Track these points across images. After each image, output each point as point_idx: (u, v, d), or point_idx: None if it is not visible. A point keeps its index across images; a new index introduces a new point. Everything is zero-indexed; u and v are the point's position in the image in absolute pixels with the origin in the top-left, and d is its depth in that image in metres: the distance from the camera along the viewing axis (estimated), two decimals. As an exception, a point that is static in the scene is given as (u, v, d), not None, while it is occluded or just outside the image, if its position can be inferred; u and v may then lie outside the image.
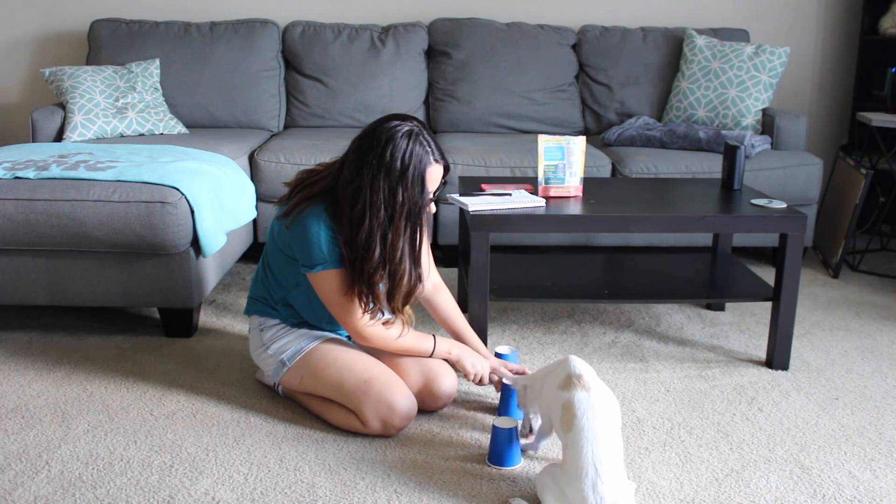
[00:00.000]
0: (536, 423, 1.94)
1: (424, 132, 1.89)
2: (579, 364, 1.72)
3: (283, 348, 2.07)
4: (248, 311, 2.18)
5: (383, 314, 1.99)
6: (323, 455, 1.90)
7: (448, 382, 2.06)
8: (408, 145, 1.84)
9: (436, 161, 1.89)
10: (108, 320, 2.72)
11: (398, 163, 1.83)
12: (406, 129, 1.86)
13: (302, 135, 3.55)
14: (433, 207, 1.97)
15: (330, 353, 2.04)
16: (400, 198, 1.84)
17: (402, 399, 1.95)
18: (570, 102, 3.89)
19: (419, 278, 1.95)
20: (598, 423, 1.59)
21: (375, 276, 1.88)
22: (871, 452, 1.96)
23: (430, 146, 1.88)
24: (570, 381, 1.68)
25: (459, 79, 3.82)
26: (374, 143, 1.85)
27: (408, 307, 2.00)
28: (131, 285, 2.48)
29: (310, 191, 1.93)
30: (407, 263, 1.91)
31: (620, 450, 1.61)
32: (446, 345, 2.09)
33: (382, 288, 1.93)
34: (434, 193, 1.94)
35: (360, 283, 1.89)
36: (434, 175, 1.90)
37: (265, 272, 2.12)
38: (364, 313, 1.95)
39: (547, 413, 1.78)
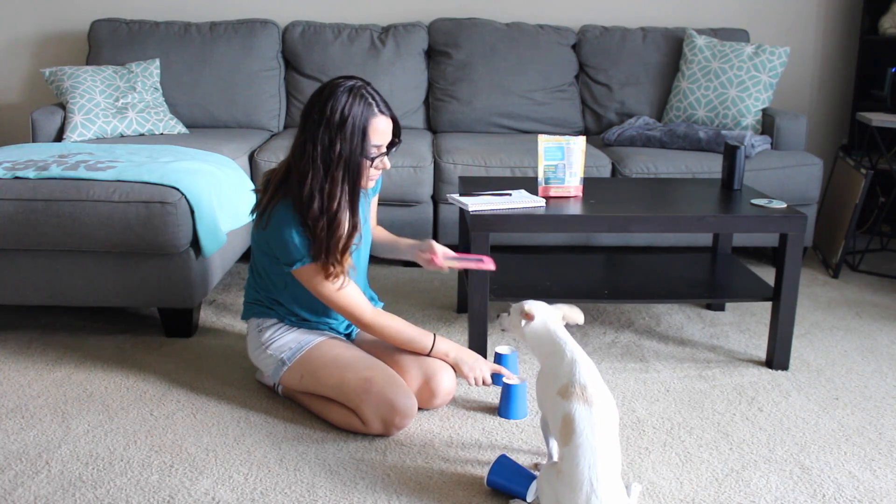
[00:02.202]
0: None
1: (368, 87, 1.92)
2: (584, 371, 1.65)
3: (283, 348, 2.07)
4: (245, 316, 2.19)
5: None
6: (323, 455, 1.90)
7: (447, 380, 2.06)
8: (347, 98, 1.87)
9: (381, 112, 1.92)
10: (108, 320, 2.72)
11: (337, 115, 1.86)
12: (349, 84, 1.89)
13: (302, 135, 3.55)
14: (386, 163, 1.98)
15: (330, 351, 2.04)
16: (338, 148, 1.87)
17: (403, 398, 1.94)
18: (570, 102, 3.89)
19: (354, 227, 1.95)
20: (598, 439, 1.55)
21: (316, 227, 1.89)
22: (871, 452, 1.96)
23: (373, 99, 1.91)
24: (571, 390, 1.62)
25: (459, 79, 3.82)
26: (317, 99, 1.90)
27: (348, 259, 1.98)
28: (131, 285, 2.48)
29: (273, 185, 1.96)
30: (344, 214, 1.92)
31: (618, 461, 1.58)
32: (445, 345, 2.09)
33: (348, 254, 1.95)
34: (386, 147, 1.97)
35: (316, 242, 1.91)
36: (379, 127, 1.92)
37: (255, 276, 2.14)
38: (333, 278, 1.94)
39: (546, 414, 1.75)
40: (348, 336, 2.23)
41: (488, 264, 2.13)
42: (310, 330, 2.12)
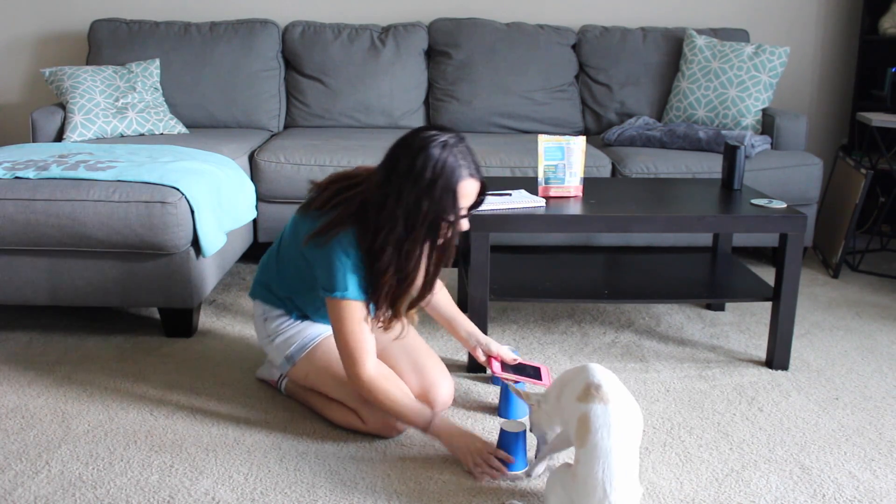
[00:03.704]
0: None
1: (461, 145, 1.79)
2: (599, 372, 1.63)
3: (289, 342, 2.06)
4: (253, 294, 2.15)
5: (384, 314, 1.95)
6: (323, 455, 1.90)
7: (445, 390, 2.06)
8: (439, 155, 1.74)
9: (470, 176, 1.79)
10: (108, 320, 2.72)
11: (428, 172, 1.74)
12: (442, 139, 1.76)
13: (302, 135, 3.55)
14: (465, 224, 1.86)
15: (335, 350, 2.02)
16: (424, 207, 1.75)
17: None
18: (570, 102, 3.89)
19: (429, 290, 1.91)
20: (614, 440, 1.51)
21: (383, 277, 1.81)
22: (871, 452, 1.96)
23: (465, 160, 1.78)
24: (588, 391, 1.59)
25: (459, 79, 3.82)
26: (407, 150, 1.77)
27: (412, 311, 1.96)
28: (131, 285, 2.48)
29: (346, 209, 1.84)
30: (419, 273, 1.85)
31: (635, 467, 1.54)
32: (446, 426, 1.89)
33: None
34: (468, 210, 1.84)
35: (373, 287, 1.84)
36: (467, 190, 1.79)
37: (277, 263, 2.06)
38: (375, 323, 1.90)
39: (566, 426, 1.70)
40: None
41: (545, 380, 2.06)
42: (314, 324, 2.10)
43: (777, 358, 2.41)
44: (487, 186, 1.88)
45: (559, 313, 2.85)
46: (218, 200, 2.62)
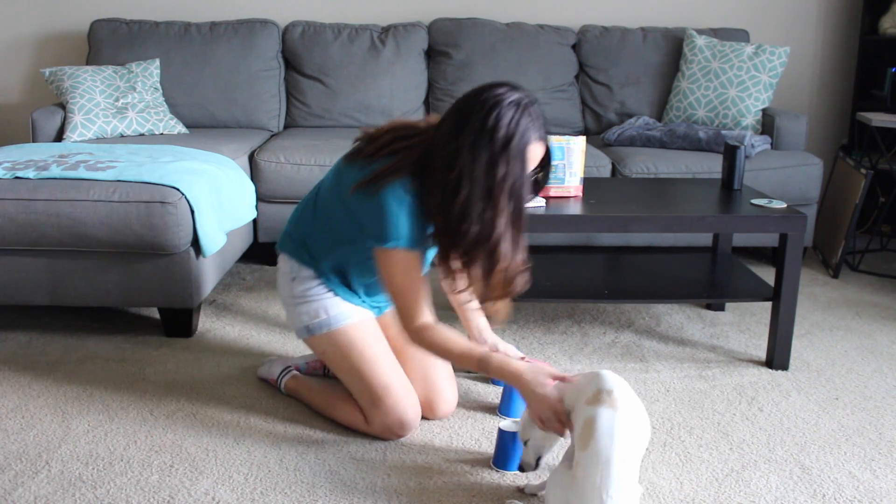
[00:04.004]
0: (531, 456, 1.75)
1: (534, 105, 1.68)
2: (611, 379, 1.59)
3: (313, 314, 1.94)
4: (282, 247, 2.02)
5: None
6: (323, 455, 1.90)
7: (447, 402, 2.06)
8: (514, 115, 1.63)
9: (540, 139, 1.69)
10: (108, 320, 2.72)
11: (502, 131, 1.62)
12: (515, 97, 1.65)
13: (302, 135, 3.55)
14: (530, 190, 1.74)
15: (359, 340, 1.94)
16: (501, 171, 1.63)
17: (412, 416, 1.94)
18: (570, 102, 3.89)
19: (521, 265, 1.75)
20: (616, 447, 1.48)
21: (473, 252, 1.68)
22: (871, 452, 1.96)
23: (537, 121, 1.67)
24: (599, 395, 1.56)
25: (459, 79, 3.81)
26: (478, 106, 1.64)
27: (503, 303, 1.79)
28: (131, 285, 2.48)
29: (404, 157, 1.72)
30: (507, 246, 1.69)
31: (635, 476, 1.51)
32: (503, 359, 1.74)
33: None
34: (532, 176, 1.73)
35: (455, 254, 1.70)
36: (534, 154, 1.69)
37: (314, 214, 1.93)
38: (456, 292, 1.79)
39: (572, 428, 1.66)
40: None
41: None
42: (345, 301, 1.97)
43: (777, 358, 2.41)
44: (552, 153, 1.78)
45: (559, 313, 2.85)
46: (218, 200, 2.62)
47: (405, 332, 1.82)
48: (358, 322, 1.97)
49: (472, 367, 1.76)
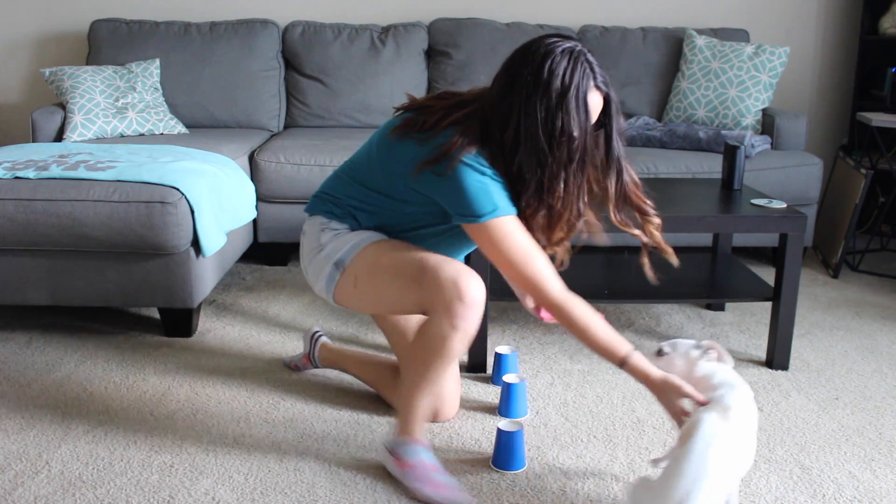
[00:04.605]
0: None
1: (587, 53, 1.61)
2: (742, 398, 1.54)
3: (339, 246, 1.79)
4: (311, 210, 1.89)
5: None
6: (323, 455, 1.90)
7: (451, 409, 2.06)
8: (568, 63, 1.56)
9: (598, 87, 1.61)
10: (108, 320, 2.72)
11: (557, 81, 1.54)
12: (567, 46, 1.58)
13: (302, 135, 3.55)
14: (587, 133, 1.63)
15: (390, 245, 1.78)
16: (560, 123, 1.55)
17: (467, 276, 1.65)
18: (570, 102, 3.89)
19: (580, 214, 1.68)
20: (713, 460, 1.42)
21: (529, 210, 1.61)
22: (871, 452, 1.96)
23: (592, 69, 1.60)
24: (717, 404, 1.52)
25: (459, 79, 3.81)
26: (529, 57, 1.57)
27: (563, 249, 1.74)
28: (131, 285, 2.48)
29: (464, 130, 1.62)
30: (573, 200, 1.63)
31: (723, 490, 1.43)
32: (643, 365, 1.66)
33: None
34: (597, 128, 1.65)
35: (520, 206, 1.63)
36: (594, 103, 1.61)
37: (357, 185, 1.81)
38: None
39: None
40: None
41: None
42: (375, 232, 1.82)
43: (777, 358, 2.41)
44: (616, 103, 1.68)
45: (559, 313, 2.85)
46: (218, 200, 2.62)
47: (544, 305, 1.68)
48: (387, 238, 1.81)
49: (613, 360, 1.66)
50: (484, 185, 1.60)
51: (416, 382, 1.75)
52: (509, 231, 1.62)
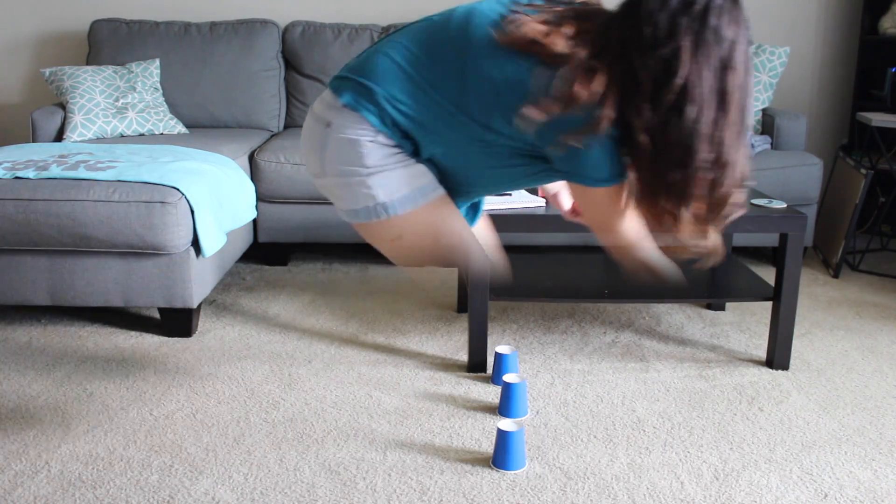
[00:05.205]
0: None
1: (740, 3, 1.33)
2: None
3: (392, 189, 1.47)
4: (355, 104, 1.45)
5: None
6: (323, 455, 1.90)
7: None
8: (734, 12, 1.29)
9: (750, 42, 1.34)
10: (108, 320, 2.72)
11: (726, 32, 1.28)
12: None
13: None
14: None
15: (446, 208, 1.55)
16: (730, 82, 1.29)
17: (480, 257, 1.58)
18: (571, 102, 3.88)
19: (743, 177, 1.40)
20: None
21: (695, 183, 1.34)
22: (871, 452, 1.96)
23: (747, 22, 1.33)
24: None
25: (459, 79, 3.81)
26: (687, 3, 1.27)
27: (715, 235, 1.44)
28: (131, 285, 2.48)
29: (613, 101, 1.31)
30: (737, 162, 1.36)
31: None
32: None
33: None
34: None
35: (667, 192, 1.35)
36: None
37: (425, 76, 1.43)
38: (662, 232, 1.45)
39: None
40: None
41: None
42: (427, 172, 1.52)
43: (777, 358, 2.41)
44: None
45: (559, 313, 2.85)
46: (218, 200, 2.62)
47: (614, 234, 1.51)
48: (445, 194, 1.55)
49: None
50: (613, 153, 1.37)
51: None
52: (610, 196, 1.43)
